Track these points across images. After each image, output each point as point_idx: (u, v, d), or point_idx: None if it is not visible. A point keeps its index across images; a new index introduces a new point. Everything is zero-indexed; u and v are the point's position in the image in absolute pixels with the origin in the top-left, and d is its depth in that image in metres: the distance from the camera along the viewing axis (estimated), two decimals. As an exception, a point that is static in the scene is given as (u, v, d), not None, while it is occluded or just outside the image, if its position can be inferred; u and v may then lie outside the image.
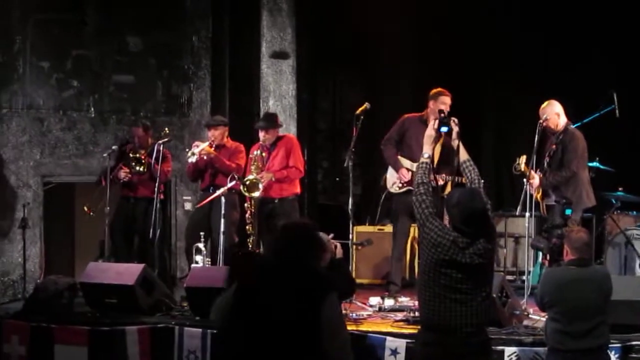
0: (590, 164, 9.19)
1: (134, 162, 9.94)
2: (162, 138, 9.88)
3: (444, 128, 5.95)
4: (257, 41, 11.50)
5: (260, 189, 9.37)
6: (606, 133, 9.88)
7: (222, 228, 9.18)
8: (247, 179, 9.39)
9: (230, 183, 9.29)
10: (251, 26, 11.56)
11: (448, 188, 8.86)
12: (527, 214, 8.63)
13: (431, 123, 6.04)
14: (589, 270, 6.46)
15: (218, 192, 9.29)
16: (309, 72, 12.12)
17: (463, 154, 5.93)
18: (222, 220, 9.17)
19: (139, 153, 9.99)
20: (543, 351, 6.79)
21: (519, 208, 8.80)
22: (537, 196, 8.94)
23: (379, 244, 10.32)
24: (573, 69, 11.30)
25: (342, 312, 5.14)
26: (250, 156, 9.70)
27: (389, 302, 8.63)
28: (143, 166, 9.93)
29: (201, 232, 9.40)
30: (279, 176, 9.52)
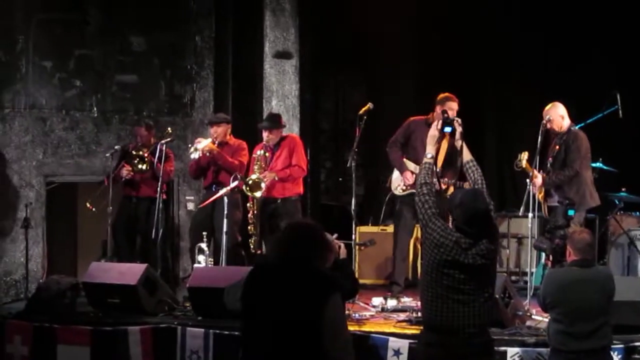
0: (593, 165, 9.20)
1: (137, 160, 9.93)
2: (165, 138, 9.88)
3: (448, 128, 5.95)
4: (260, 41, 11.50)
5: (262, 189, 9.37)
6: (609, 134, 9.88)
7: (225, 228, 9.17)
8: (250, 179, 9.38)
9: (233, 183, 9.28)
10: (254, 26, 11.56)
11: (451, 189, 8.86)
12: (530, 215, 8.62)
13: (434, 123, 6.04)
14: (592, 271, 6.46)
15: (221, 192, 9.28)
16: (312, 72, 12.11)
17: (466, 155, 5.93)
18: (225, 220, 9.17)
19: (142, 151, 9.99)
20: (546, 352, 6.78)
21: (522, 209, 8.80)
22: (540, 196, 8.94)
23: (382, 245, 10.33)
24: (573, 69, 11.29)
25: (345, 313, 5.11)
26: (253, 156, 9.69)
27: (392, 303, 8.63)
28: (145, 164, 9.92)
29: (204, 232, 9.41)
30: (282, 175, 9.52)
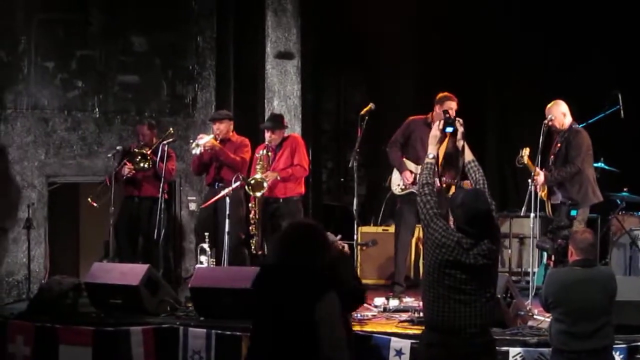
0: (595, 165, 9.19)
1: (139, 157, 9.90)
2: (167, 138, 9.88)
3: (449, 128, 5.94)
4: (262, 41, 11.50)
5: (265, 188, 9.37)
6: (611, 134, 9.88)
7: (227, 228, 9.18)
8: (253, 179, 9.38)
9: (235, 183, 9.28)
10: (256, 27, 11.57)
11: (452, 189, 8.87)
12: (532, 215, 8.63)
13: (436, 124, 6.03)
14: (594, 270, 6.46)
15: (222, 193, 9.29)
16: (314, 73, 12.11)
17: (468, 155, 5.92)
18: (227, 220, 9.18)
19: (144, 150, 9.98)
20: (548, 352, 6.78)
21: (524, 208, 8.81)
22: (543, 194, 8.94)
23: (384, 245, 10.33)
24: (573, 69, 11.30)
25: (340, 312, 5.07)
26: (256, 155, 9.69)
27: (394, 303, 8.64)
28: (147, 162, 9.89)
29: (206, 233, 9.42)
30: (284, 175, 9.52)
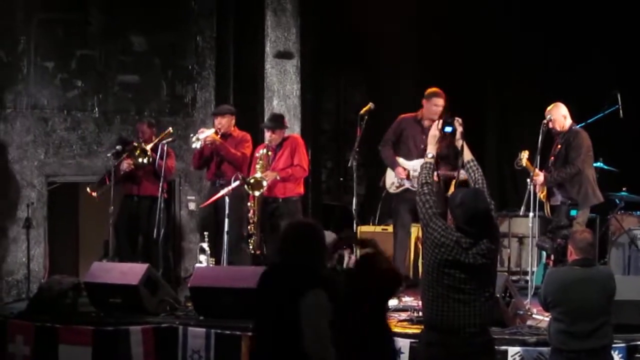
0: (594, 164, 9.20)
1: (139, 152, 9.84)
2: (166, 137, 9.88)
3: (448, 128, 5.93)
4: (262, 41, 11.50)
5: (264, 188, 9.37)
6: (610, 133, 9.89)
7: (226, 227, 9.19)
8: (252, 178, 9.39)
9: (234, 183, 9.28)
10: (255, 26, 11.57)
11: (451, 188, 8.87)
12: (531, 214, 8.63)
13: (435, 123, 6.03)
14: (593, 270, 6.47)
15: (222, 192, 9.29)
16: (313, 72, 12.11)
17: (467, 154, 5.92)
18: (226, 219, 9.18)
19: (144, 144, 9.93)
20: (547, 351, 6.79)
21: (523, 208, 8.82)
22: (542, 195, 8.95)
23: (383, 244, 10.21)
24: (573, 69, 11.30)
25: (327, 309, 5.01)
26: (256, 155, 9.68)
27: (393, 302, 8.63)
28: (147, 158, 9.84)
29: (205, 232, 9.44)
30: (284, 175, 9.53)
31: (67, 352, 8.18)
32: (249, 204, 9.60)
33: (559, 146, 8.95)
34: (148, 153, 9.84)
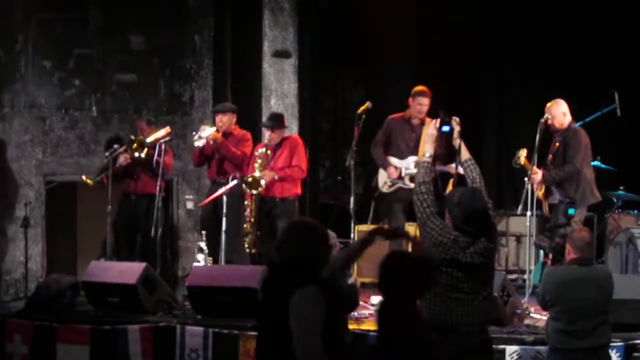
0: (592, 163, 9.20)
1: (136, 145, 9.78)
2: (164, 137, 9.86)
3: (446, 127, 5.93)
4: (259, 40, 11.50)
5: (262, 187, 9.37)
6: (607, 132, 9.89)
7: (224, 227, 9.18)
8: (250, 177, 9.38)
9: (231, 182, 9.28)
10: (253, 25, 11.56)
11: (449, 187, 8.88)
12: (529, 213, 8.63)
13: (433, 122, 6.02)
14: (591, 269, 6.47)
15: (220, 192, 9.29)
16: (311, 72, 12.11)
17: (465, 154, 5.93)
18: (224, 219, 9.18)
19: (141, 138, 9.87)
20: (544, 350, 6.80)
21: (520, 207, 8.82)
22: (540, 194, 8.95)
23: (381, 243, 10.23)
24: (572, 68, 11.29)
25: (316, 309, 4.93)
26: (255, 154, 9.68)
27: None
28: (144, 152, 9.78)
29: (203, 231, 9.43)
30: (282, 175, 9.52)
31: (65, 351, 8.18)
32: (246, 203, 9.59)
33: (558, 144, 8.94)
34: (145, 145, 9.76)
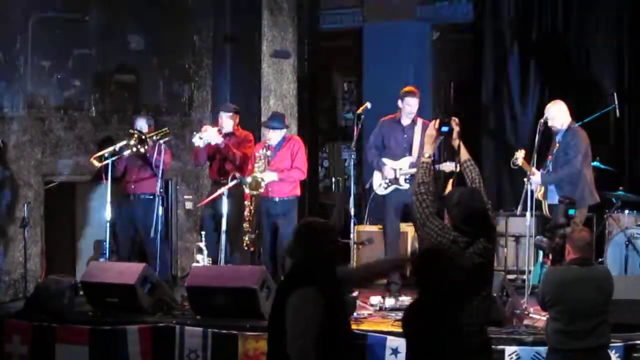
0: (591, 164, 9.20)
1: (135, 140, 9.76)
2: (163, 136, 9.86)
3: (445, 128, 5.94)
4: (258, 40, 11.50)
5: (262, 188, 9.37)
6: (607, 133, 9.90)
7: (224, 227, 9.18)
8: (250, 177, 9.37)
9: (231, 182, 9.27)
10: (252, 25, 11.56)
11: (448, 187, 8.88)
12: (528, 214, 8.64)
13: (432, 123, 6.03)
14: (591, 269, 6.46)
15: (219, 192, 9.28)
16: (310, 72, 12.11)
17: (464, 154, 5.93)
18: (224, 219, 9.18)
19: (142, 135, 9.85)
20: (544, 350, 6.79)
21: (520, 207, 8.82)
22: (539, 195, 8.96)
23: (380, 243, 10.33)
24: (572, 68, 11.30)
25: (312, 310, 4.91)
26: (255, 154, 9.68)
27: (390, 302, 8.65)
28: (144, 147, 9.75)
29: (202, 232, 9.43)
30: (282, 176, 9.51)
31: (64, 352, 8.19)
32: (246, 203, 9.59)
33: (557, 145, 8.95)
34: (145, 141, 9.73)
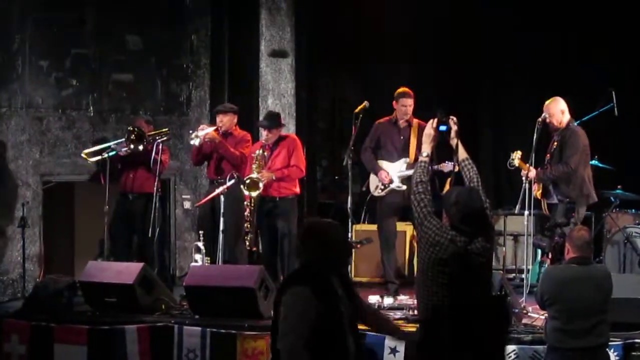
0: (589, 162, 9.20)
1: (135, 137, 9.73)
2: (161, 135, 9.85)
3: (443, 127, 5.94)
4: (256, 40, 11.50)
5: (260, 188, 9.36)
6: (605, 131, 9.89)
7: (222, 226, 9.18)
8: (248, 178, 9.37)
9: (229, 182, 9.26)
10: (250, 25, 11.56)
11: (447, 186, 8.88)
12: (526, 213, 8.64)
13: (430, 122, 6.02)
14: (590, 268, 6.47)
15: (217, 191, 9.28)
16: (308, 71, 12.10)
17: (462, 153, 5.92)
18: (222, 218, 9.17)
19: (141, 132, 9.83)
20: (542, 349, 6.80)
21: (518, 206, 8.82)
22: (537, 193, 8.96)
23: (379, 243, 10.33)
24: (571, 67, 11.30)
25: (303, 309, 4.93)
26: (252, 154, 9.67)
27: (388, 301, 8.65)
28: (143, 145, 9.73)
29: (200, 231, 9.43)
30: (280, 175, 9.50)
31: (63, 351, 8.18)
32: (245, 203, 9.58)
33: (556, 143, 8.94)
34: (144, 139, 9.71)
